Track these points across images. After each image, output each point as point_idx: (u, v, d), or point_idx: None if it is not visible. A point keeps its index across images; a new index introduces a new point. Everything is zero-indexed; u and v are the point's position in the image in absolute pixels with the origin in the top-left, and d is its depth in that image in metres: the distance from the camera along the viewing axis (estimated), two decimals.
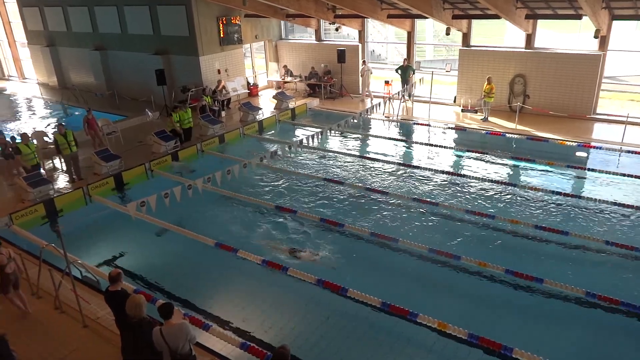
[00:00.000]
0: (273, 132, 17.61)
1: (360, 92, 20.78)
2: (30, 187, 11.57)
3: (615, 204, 10.90)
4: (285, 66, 22.33)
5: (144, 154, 14.38)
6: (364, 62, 20.28)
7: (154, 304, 7.40)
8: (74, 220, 11.29)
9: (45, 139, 15.07)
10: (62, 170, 13.65)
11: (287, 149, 13.38)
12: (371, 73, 20.20)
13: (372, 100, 19.81)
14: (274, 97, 19.83)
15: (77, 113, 19.76)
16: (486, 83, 16.85)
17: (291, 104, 19.34)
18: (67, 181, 12.89)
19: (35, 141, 14.40)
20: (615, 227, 10.17)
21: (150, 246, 10.28)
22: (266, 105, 19.84)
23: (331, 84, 21.18)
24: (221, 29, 19.31)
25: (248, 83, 21.70)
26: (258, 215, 11.19)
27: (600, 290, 7.73)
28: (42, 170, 12.85)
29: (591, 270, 8.84)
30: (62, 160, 13.48)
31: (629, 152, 13.89)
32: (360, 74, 20.50)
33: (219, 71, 19.76)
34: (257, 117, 17.93)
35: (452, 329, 6.97)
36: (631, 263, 8.90)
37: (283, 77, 22.22)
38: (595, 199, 11.18)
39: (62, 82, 24.33)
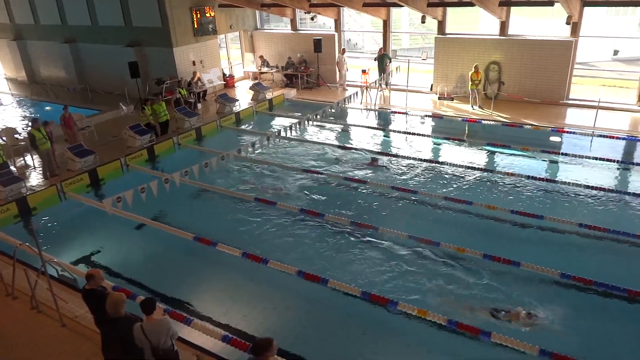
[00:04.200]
0: (251, 123, 17.48)
1: (340, 80, 20.65)
2: (0, 186, 11.27)
3: (587, 187, 11.16)
4: (261, 57, 22.12)
5: (119, 149, 14.12)
6: (343, 50, 20.12)
7: (134, 300, 7.31)
8: (48, 218, 11.05)
9: (16, 135, 14.66)
10: (34, 168, 13.32)
11: (265, 140, 13.28)
12: (345, 63, 20.11)
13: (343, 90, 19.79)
14: (250, 88, 19.66)
15: (47, 108, 19.28)
16: (473, 70, 16.97)
17: (268, 95, 19.20)
18: (41, 178, 12.59)
19: (4, 138, 14.01)
20: (588, 209, 10.42)
21: (128, 242, 10.14)
22: (243, 96, 19.66)
23: (308, 74, 21.08)
24: (195, 19, 18.99)
25: (224, 74, 21.46)
26: (236, 207, 11.12)
27: (575, 272, 7.92)
28: (12, 168, 12.51)
29: (565, 252, 9.04)
30: (37, 156, 13.14)
31: (600, 136, 14.20)
32: (337, 63, 20.38)
33: (193, 63, 19.47)
34: (234, 108, 17.76)
35: (432, 315, 7.06)
36: (603, 244, 9.14)
37: (259, 68, 22.03)
38: (569, 183, 11.43)
39: (32, 77, 23.66)
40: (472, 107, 17.11)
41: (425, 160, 13.21)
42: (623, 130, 14.64)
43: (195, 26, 19.10)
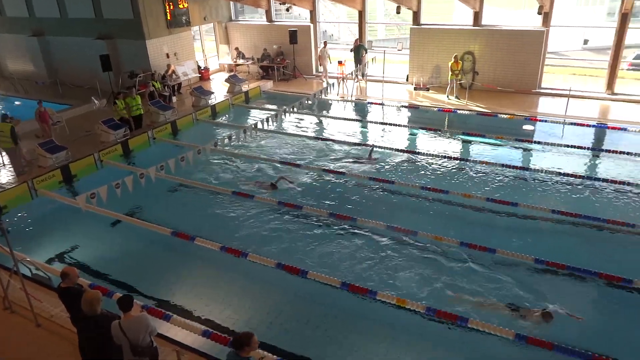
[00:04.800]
0: (227, 116, 17.32)
1: (322, 73, 20.44)
2: None
3: (560, 174, 11.42)
4: (236, 48, 21.88)
5: (92, 144, 13.82)
6: (325, 43, 19.99)
7: (111, 297, 7.22)
8: (19, 216, 10.78)
9: None
10: (4, 165, 12.95)
11: (242, 133, 13.18)
12: (328, 55, 20.00)
13: (325, 79, 19.71)
14: (226, 80, 19.44)
15: (17, 103, 18.75)
16: (453, 61, 17.07)
17: (244, 87, 19.03)
18: (11, 175, 12.25)
19: None
20: (561, 196, 10.67)
21: (104, 239, 9.96)
22: (219, 89, 19.44)
23: (284, 66, 20.95)
24: (167, 11, 18.64)
25: (199, 67, 21.15)
26: (214, 201, 11.04)
27: (548, 257, 8.12)
28: None
29: (539, 238, 9.25)
30: (5, 153, 12.80)
31: (572, 124, 14.53)
32: (319, 57, 20.17)
33: (167, 55, 19.14)
34: (210, 101, 17.55)
35: (411, 304, 7.16)
36: (575, 229, 9.38)
37: (235, 60, 21.79)
38: (542, 170, 11.68)
39: None
40: (447, 97, 17.26)
41: (402, 151, 13.31)
42: (593, 118, 14.99)
43: (168, 18, 18.75)
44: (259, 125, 13.20)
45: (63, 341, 6.82)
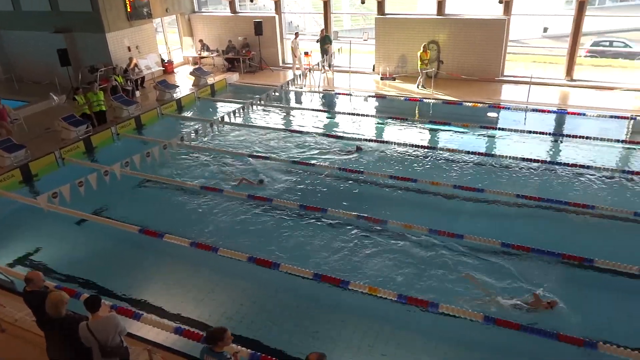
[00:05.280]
0: (193, 110, 17.03)
1: (294, 65, 20.15)
2: None
3: (523, 159, 11.72)
4: (200, 40, 21.49)
5: (52, 142, 13.37)
6: (296, 34, 19.77)
7: (78, 298, 7.03)
8: None
9: None
10: None
11: (209, 126, 13.00)
12: (298, 47, 19.81)
13: (294, 71, 19.54)
14: (191, 73, 19.10)
15: None
16: (422, 50, 17.19)
17: (210, 80, 18.74)
18: None
19: None
20: (524, 180, 10.97)
21: (68, 239, 9.67)
22: (183, 82, 19.09)
23: (250, 58, 20.72)
24: (128, 2, 18.11)
25: (162, 60, 20.71)
26: (182, 196, 10.87)
27: (514, 240, 8.34)
28: None
29: (505, 222, 9.51)
30: None
31: (533, 110, 14.92)
32: (291, 48, 19.94)
33: (129, 48, 18.63)
34: (175, 95, 17.22)
35: (382, 292, 7.25)
36: (540, 212, 9.66)
37: (199, 52, 21.41)
38: (506, 156, 11.96)
39: None
40: (418, 87, 17.35)
41: (370, 140, 13.40)
42: (553, 104, 15.43)
43: (129, 10, 18.24)
44: (226, 119, 13.05)
45: (28, 345, 6.63)
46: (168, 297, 7.83)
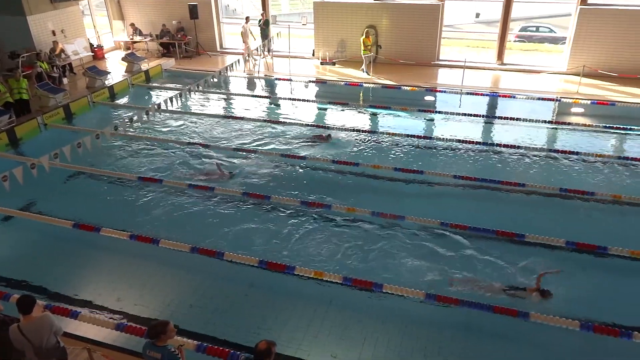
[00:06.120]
0: (127, 97, 16.31)
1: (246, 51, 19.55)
2: None
3: (460, 141, 12.16)
4: (132, 24, 20.52)
5: None
6: (247, 19, 19.17)
7: (8, 300, 6.62)
8: None
9: None
10: None
11: (144, 114, 12.48)
12: (251, 32, 19.27)
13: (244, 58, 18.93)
14: (123, 59, 18.25)
15: None
16: (364, 36, 17.22)
17: (144, 66, 18.00)
18: None
19: None
20: (461, 161, 11.39)
21: None
22: (116, 68, 18.22)
23: (186, 42, 20.06)
24: None
25: (91, 45, 19.62)
26: (119, 188, 10.43)
27: (452, 219, 8.67)
28: None
29: (444, 202, 9.85)
30: None
31: (468, 93, 15.48)
32: (241, 33, 19.32)
33: (53, 32, 17.49)
34: (107, 82, 16.41)
35: (328, 275, 7.33)
36: (476, 192, 10.08)
37: (131, 37, 20.46)
38: (444, 138, 12.37)
39: None
40: (363, 72, 17.42)
41: (311, 126, 13.40)
42: (486, 87, 16.08)
43: None
44: (163, 106, 12.59)
45: None
46: (109, 293, 7.52)
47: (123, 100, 16.02)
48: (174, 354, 4.88)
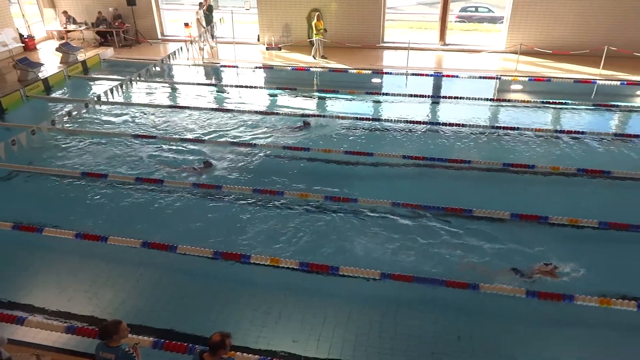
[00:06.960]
0: (63, 90, 15.53)
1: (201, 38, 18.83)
2: None
3: (407, 121, 12.40)
4: (65, 12, 19.46)
5: None
6: (201, 4, 18.43)
7: None
8: None
9: None
10: None
11: (83, 107, 11.95)
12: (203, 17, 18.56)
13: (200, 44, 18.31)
14: (57, 49, 17.32)
15: None
16: (315, 19, 17.05)
17: (80, 56, 17.18)
18: None
19: None
20: (409, 142, 11.63)
21: None
22: (50, 59, 17.28)
23: (124, 30, 19.25)
24: None
25: (21, 35, 18.48)
26: (61, 185, 9.97)
27: (403, 199, 8.86)
28: None
29: (394, 183, 10.05)
30: None
31: (413, 74, 15.77)
32: (196, 20, 18.58)
33: None
34: (40, 74, 15.54)
35: (284, 262, 7.33)
36: (425, 171, 10.34)
37: (65, 26, 19.43)
38: (391, 120, 12.57)
39: None
40: (315, 57, 17.30)
41: (259, 113, 13.26)
42: (430, 68, 16.43)
43: None
44: (103, 98, 12.09)
45: None
46: (56, 295, 7.21)
47: (59, 93, 15.24)
48: (128, 354, 4.76)
